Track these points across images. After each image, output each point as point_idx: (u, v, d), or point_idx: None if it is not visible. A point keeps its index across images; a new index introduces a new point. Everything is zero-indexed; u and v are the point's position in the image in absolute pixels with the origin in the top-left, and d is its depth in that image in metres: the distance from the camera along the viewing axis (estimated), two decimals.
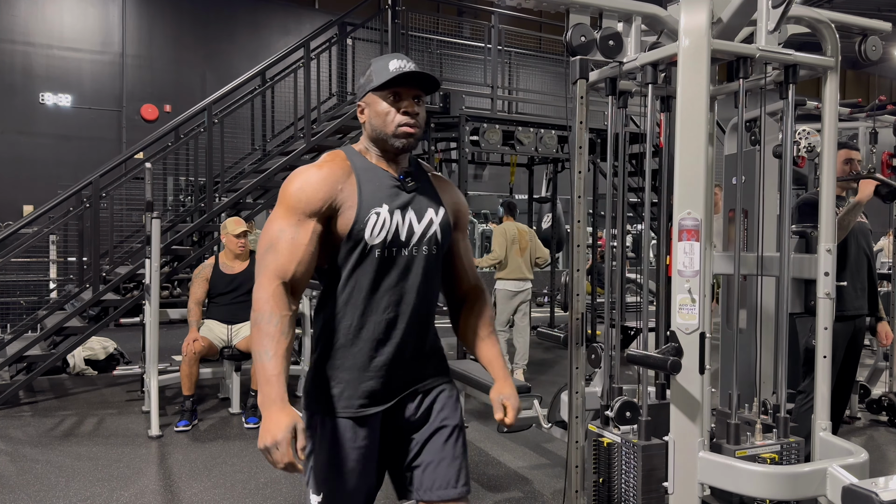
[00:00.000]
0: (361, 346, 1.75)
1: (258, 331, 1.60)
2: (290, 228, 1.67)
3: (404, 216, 1.76)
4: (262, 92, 7.05)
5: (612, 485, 2.66)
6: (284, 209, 1.70)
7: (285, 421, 1.52)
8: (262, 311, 1.61)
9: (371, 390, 1.76)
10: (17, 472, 3.98)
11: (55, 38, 11.20)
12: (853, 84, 19.86)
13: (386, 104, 1.76)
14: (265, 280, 1.65)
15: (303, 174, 1.73)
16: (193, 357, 4.83)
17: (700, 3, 2.36)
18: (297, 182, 1.71)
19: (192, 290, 5.20)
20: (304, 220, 1.68)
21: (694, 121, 2.39)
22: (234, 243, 5.15)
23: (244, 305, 4.97)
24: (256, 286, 1.65)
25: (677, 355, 2.37)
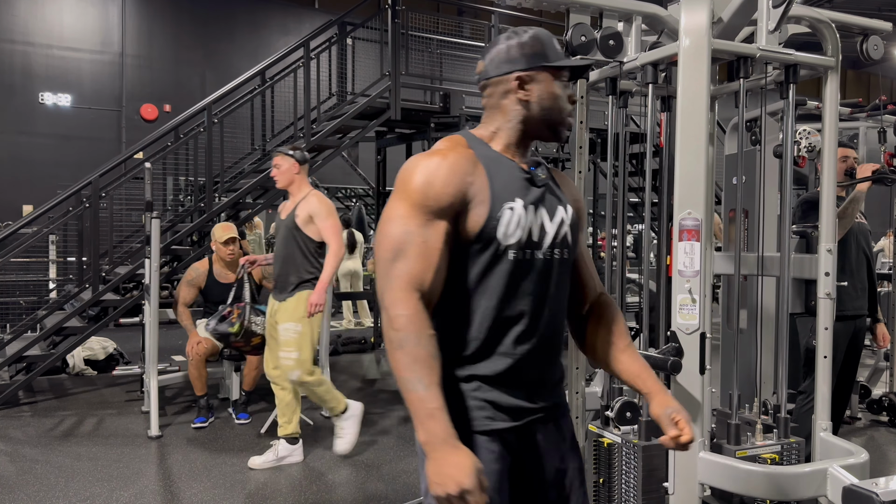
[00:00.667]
0: (491, 361, 1.51)
1: (405, 355, 1.36)
2: (418, 230, 1.43)
3: (537, 213, 1.53)
4: (261, 92, 7.04)
5: (612, 485, 2.66)
6: (409, 207, 1.44)
7: (467, 462, 1.31)
8: (407, 331, 1.37)
9: (504, 404, 1.51)
10: (16, 472, 3.98)
11: (55, 38, 11.20)
12: (854, 84, 19.87)
13: (560, 87, 1.55)
14: (402, 294, 1.40)
15: (426, 164, 1.46)
16: (199, 359, 4.82)
17: (700, 3, 2.36)
18: (421, 174, 1.45)
19: (180, 294, 5.05)
20: (433, 220, 1.43)
21: (694, 121, 2.39)
22: (223, 252, 4.97)
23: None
24: (390, 301, 1.40)
25: (678, 355, 2.36)
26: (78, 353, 6.37)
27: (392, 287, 1.41)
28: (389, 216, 1.46)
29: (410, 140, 7.91)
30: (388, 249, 1.44)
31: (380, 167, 8.27)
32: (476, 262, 1.48)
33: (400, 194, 1.47)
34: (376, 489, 3.77)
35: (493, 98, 1.57)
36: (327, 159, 6.96)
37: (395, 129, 7.77)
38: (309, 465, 4.12)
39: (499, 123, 1.57)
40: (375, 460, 4.22)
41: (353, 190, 14.98)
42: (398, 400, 5.72)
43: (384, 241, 1.46)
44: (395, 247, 1.43)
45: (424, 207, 1.44)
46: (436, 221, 1.44)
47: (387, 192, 8.53)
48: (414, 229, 1.43)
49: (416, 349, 1.37)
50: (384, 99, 6.70)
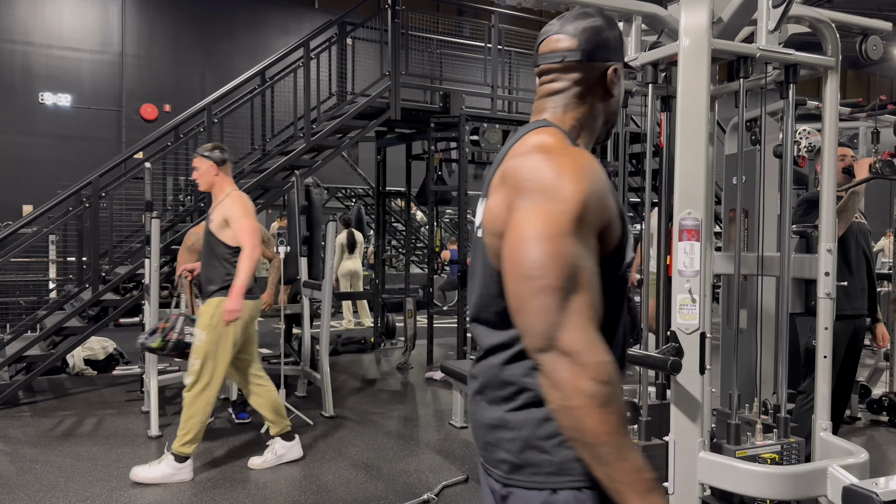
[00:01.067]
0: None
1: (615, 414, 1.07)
2: (585, 251, 1.13)
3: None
4: (261, 92, 7.04)
5: None
6: (574, 222, 1.12)
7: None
8: (614, 383, 1.08)
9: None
10: (16, 472, 3.97)
11: (55, 38, 11.20)
12: (853, 84, 19.86)
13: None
14: (594, 335, 1.10)
15: (581, 166, 1.17)
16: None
17: (700, 3, 2.36)
18: (580, 179, 1.15)
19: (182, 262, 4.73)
20: (591, 238, 1.16)
21: (694, 120, 2.39)
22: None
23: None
24: (581, 344, 1.08)
25: (678, 355, 2.36)
26: (78, 352, 6.37)
27: (576, 325, 1.09)
28: (543, 233, 1.12)
29: (410, 140, 7.91)
30: (556, 276, 1.10)
31: (380, 167, 8.27)
32: (607, 281, 1.21)
33: (549, 203, 1.14)
34: (376, 489, 3.77)
35: (574, 85, 1.32)
36: (327, 159, 6.96)
37: (394, 128, 7.77)
38: (309, 465, 4.12)
39: (579, 117, 1.33)
40: (375, 460, 4.22)
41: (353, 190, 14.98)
42: (398, 400, 5.72)
43: (545, 264, 1.10)
44: (566, 273, 1.10)
45: (591, 223, 1.15)
46: (593, 239, 1.16)
47: (386, 191, 8.54)
48: (582, 252, 1.13)
49: (620, 407, 1.09)
50: (384, 99, 6.70)
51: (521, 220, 1.15)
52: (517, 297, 1.14)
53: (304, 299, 5.68)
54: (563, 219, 1.12)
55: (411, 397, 5.91)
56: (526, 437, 1.22)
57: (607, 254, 1.21)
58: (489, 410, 1.28)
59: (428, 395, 5.98)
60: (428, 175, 7.32)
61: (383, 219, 8.63)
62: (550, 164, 1.17)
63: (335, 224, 5.51)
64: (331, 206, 15.34)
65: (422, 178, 7.89)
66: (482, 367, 1.31)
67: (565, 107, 1.33)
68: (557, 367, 1.09)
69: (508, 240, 1.17)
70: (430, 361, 7.19)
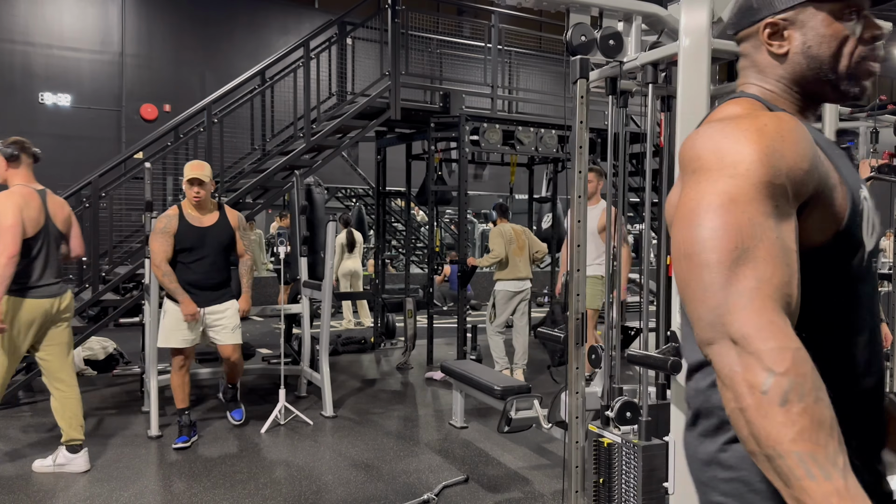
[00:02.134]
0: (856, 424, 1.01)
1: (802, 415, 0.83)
2: (766, 221, 0.93)
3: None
4: (261, 92, 7.04)
5: (612, 485, 2.66)
6: (744, 185, 0.94)
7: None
8: (799, 375, 0.84)
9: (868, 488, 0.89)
10: (16, 471, 3.97)
11: (55, 38, 11.20)
12: None
13: (839, 25, 1.10)
14: (771, 315, 0.88)
15: (759, 126, 0.98)
16: (182, 365, 4.49)
17: (700, 3, 2.36)
18: (757, 139, 0.97)
19: (155, 248, 4.35)
20: (784, 208, 0.96)
21: (694, 121, 2.39)
22: (189, 193, 4.39)
23: (218, 270, 4.49)
24: (750, 327, 0.87)
25: (678, 355, 2.36)
26: (78, 353, 6.37)
27: (746, 305, 0.88)
28: (705, 201, 0.95)
29: (410, 140, 7.91)
30: (718, 248, 0.92)
31: (380, 167, 8.27)
32: (834, 273, 1.01)
33: (717, 172, 0.96)
34: (376, 489, 3.76)
35: (746, 57, 1.18)
36: (327, 159, 6.96)
37: (394, 128, 7.77)
38: (309, 465, 4.12)
39: (775, 84, 1.14)
40: (375, 460, 4.22)
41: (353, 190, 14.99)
42: (398, 400, 5.72)
43: (702, 236, 0.93)
44: (734, 244, 0.91)
45: (771, 187, 0.94)
46: (787, 210, 0.96)
47: (386, 191, 8.54)
48: (760, 219, 0.93)
49: (818, 407, 0.84)
50: (384, 99, 6.70)
51: (684, 197, 0.99)
52: (680, 284, 0.96)
53: (304, 299, 5.68)
54: (732, 184, 0.94)
55: (411, 397, 5.91)
56: (746, 479, 0.99)
57: (827, 234, 1.00)
58: (703, 444, 1.08)
59: (428, 395, 5.98)
60: (428, 175, 7.33)
61: (383, 219, 8.63)
62: (720, 130, 1.00)
63: (335, 224, 5.50)
64: (331, 206, 15.36)
65: (422, 178, 7.89)
66: (690, 391, 1.13)
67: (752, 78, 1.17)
68: (725, 359, 0.88)
69: (674, 223, 1.01)
70: (430, 361, 7.19)
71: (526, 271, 6.39)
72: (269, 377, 6.28)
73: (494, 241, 6.35)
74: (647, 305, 2.77)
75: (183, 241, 4.37)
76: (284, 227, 9.52)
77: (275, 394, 5.08)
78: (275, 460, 4.20)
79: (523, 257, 6.37)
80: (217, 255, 4.46)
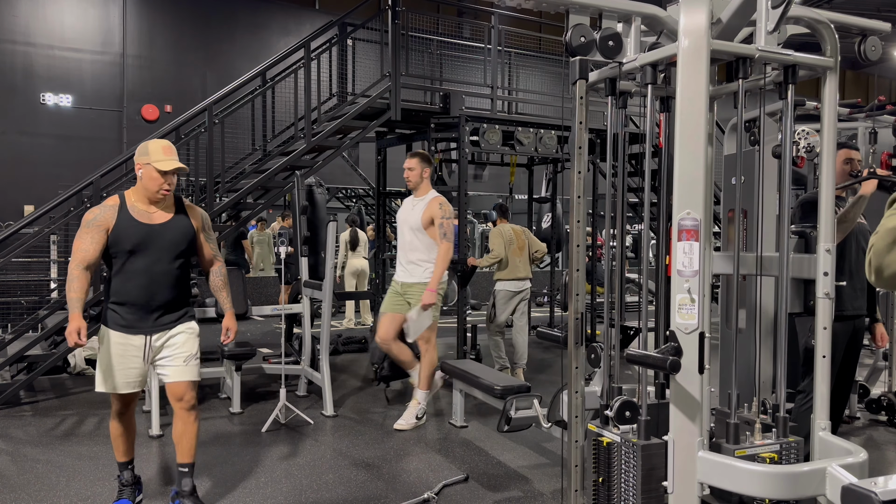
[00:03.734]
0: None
1: None
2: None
3: None
4: (262, 92, 7.06)
5: (611, 484, 2.67)
6: None
7: None
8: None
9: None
10: (17, 471, 3.99)
11: (56, 39, 11.21)
12: (852, 84, 19.87)
13: None
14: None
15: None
16: (123, 412, 3.37)
17: (699, 4, 2.37)
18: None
19: (78, 245, 3.19)
20: None
21: (693, 121, 2.40)
22: (157, 183, 3.19)
23: (168, 282, 3.27)
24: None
25: (677, 355, 2.37)
26: (79, 352, 6.38)
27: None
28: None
29: (411, 140, 7.92)
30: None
31: (380, 167, 8.28)
32: None
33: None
34: (377, 488, 3.77)
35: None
36: (328, 160, 6.98)
37: (395, 129, 7.78)
38: (309, 464, 4.13)
39: None
40: (376, 459, 4.23)
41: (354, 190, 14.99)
42: (398, 400, 5.73)
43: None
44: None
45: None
46: None
47: (387, 192, 8.55)
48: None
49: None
50: (384, 99, 6.71)
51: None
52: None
53: (305, 299, 5.69)
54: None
55: (411, 397, 5.92)
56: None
57: None
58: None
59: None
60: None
61: (383, 219, 8.65)
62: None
63: (335, 224, 5.52)
64: (331, 207, 15.37)
65: None
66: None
67: None
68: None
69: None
70: None
71: (526, 271, 6.41)
72: (269, 376, 6.29)
73: (494, 241, 6.36)
74: (646, 305, 2.78)
75: (121, 240, 3.19)
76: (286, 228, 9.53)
77: (275, 393, 5.09)
78: (275, 459, 4.21)
79: (523, 257, 6.39)
80: (168, 264, 3.25)
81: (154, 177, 3.19)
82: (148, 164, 3.18)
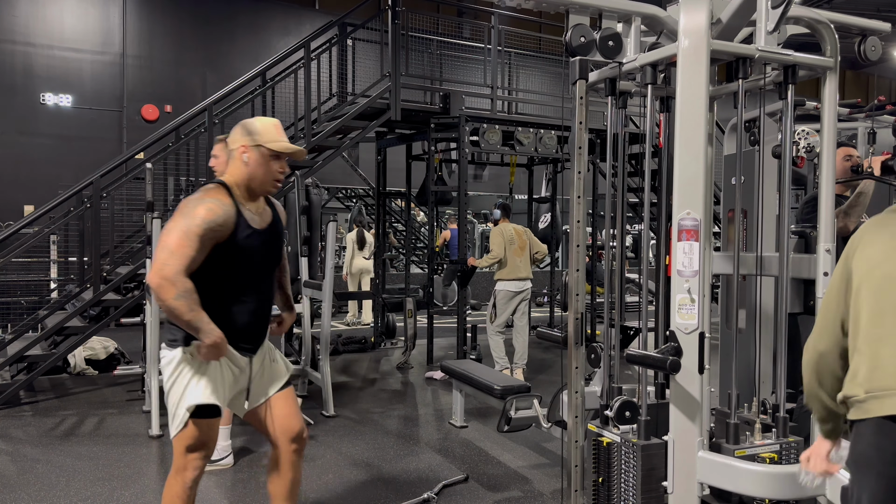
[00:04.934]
0: None
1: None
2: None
3: None
4: (262, 92, 7.06)
5: (611, 484, 2.67)
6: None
7: None
8: None
9: None
10: (17, 471, 3.99)
11: (56, 39, 11.21)
12: (852, 84, 19.86)
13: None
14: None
15: None
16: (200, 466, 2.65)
17: (699, 4, 2.37)
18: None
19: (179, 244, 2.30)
20: None
21: (693, 121, 2.40)
22: (272, 171, 2.51)
23: (270, 298, 2.72)
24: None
25: (677, 355, 2.37)
26: (79, 352, 6.38)
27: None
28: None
29: (410, 140, 7.92)
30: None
31: (380, 167, 8.29)
32: None
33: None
34: (376, 488, 3.78)
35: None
36: (328, 160, 6.98)
37: (395, 129, 7.78)
38: (309, 465, 4.13)
39: None
40: (376, 459, 4.23)
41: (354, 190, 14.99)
42: (398, 399, 5.74)
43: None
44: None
45: None
46: None
47: (387, 192, 8.55)
48: None
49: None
50: (384, 99, 6.71)
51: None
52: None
53: (305, 299, 5.69)
54: None
55: (411, 397, 5.92)
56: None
57: None
58: None
59: (428, 395, 5.99)
60: (428, 175, 7.34)
61: (383, 219, 8.65)
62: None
63: (335, 224, 5.52)
64: (331, 207, 15.37)
65: (422, 179, 7.90)
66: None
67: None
68: None
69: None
70: (430, 361, 7.20)
71: (527, 272, 6.41)
72: None
73: (494, 240, 6.37)
74: (646, 305, 2.78)
75: (237, 253, 2.46)
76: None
77: None
78: None
79: (524, 258, 6.39)
80: (271, 276, 2.71)
81: (268, 162, 2.47)
82: (258, 145, 2.46)
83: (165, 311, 2.31)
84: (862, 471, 1.70)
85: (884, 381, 1.66)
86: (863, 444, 1.70)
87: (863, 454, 1.70)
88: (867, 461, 1.68)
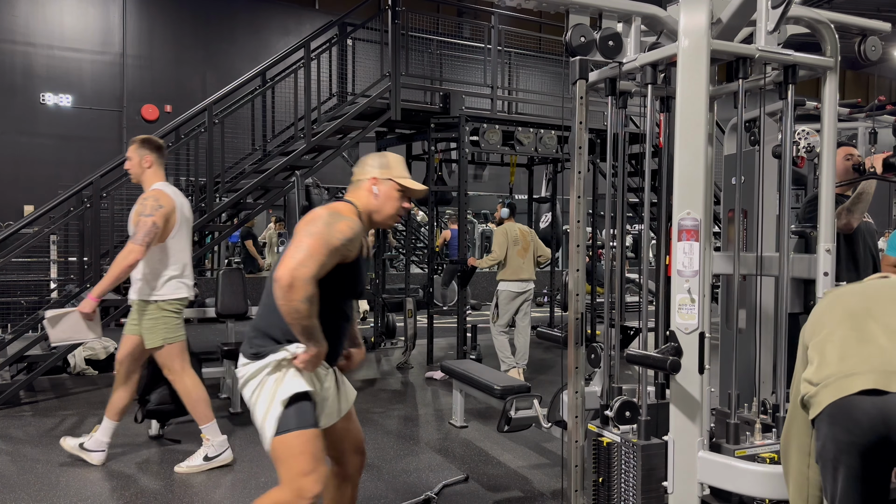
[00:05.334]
0: None
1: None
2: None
3: None
4: (262, 92, 7.06)
5: (611, 484, 2.67)
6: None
7: None
8: None
9: None
10: (17, 471, 3.98)
11: (56, 39, 11.21)
12: (852, 84, 19.87)
13: None
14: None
15: None
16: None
17: (700, 4, 2.37)
18: None
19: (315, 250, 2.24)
20: None
21: (693, 121, 2.40)
22: (398, 207, 2.51)
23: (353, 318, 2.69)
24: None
25: (677, 355, 2.37)
26: (79, 352, 6.38)
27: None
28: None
29: (410, 140, 7.92)
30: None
31: None
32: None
33: None
34: (376, 488, 3.77)
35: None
36: (328, 160, 6.98)
37: (395, 129, 7.78)
38: None
39: None
40: (375, 460, 4.23)
41: None
42: (398, 399, 5.74)
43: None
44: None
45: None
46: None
47: None
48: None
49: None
50: (384, 99, 6.71)
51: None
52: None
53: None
54: None
55: (411, 397, 5.92)
56: None
57: None
58: None
59: (428, 395, 5.99)
60: (428, 175, 7.34)
61: None
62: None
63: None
64: None
65: (422, 179, 7.90)
66: None
67: None
68: None
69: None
70: (430, 361, 7.20)
71: (529, 273, 6.41)
72: None
73: (497, 241, 6.36)
74: (646, 305, 2.78)
75: (349, 275, 2.45)
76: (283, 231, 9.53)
77: None
78: None
79: (527, 258, 6.39)
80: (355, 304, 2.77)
81: (397, 197, 2.48)
82: (390, 179, 2.47)
83: (286, 310, 2.22)
84: (826, 467, 1.83)
85: (829, 369, 1.85)
86: (821, 441, 1.84)
87: (822, 451, 1.83)
88: (829, 456, 1.81)
